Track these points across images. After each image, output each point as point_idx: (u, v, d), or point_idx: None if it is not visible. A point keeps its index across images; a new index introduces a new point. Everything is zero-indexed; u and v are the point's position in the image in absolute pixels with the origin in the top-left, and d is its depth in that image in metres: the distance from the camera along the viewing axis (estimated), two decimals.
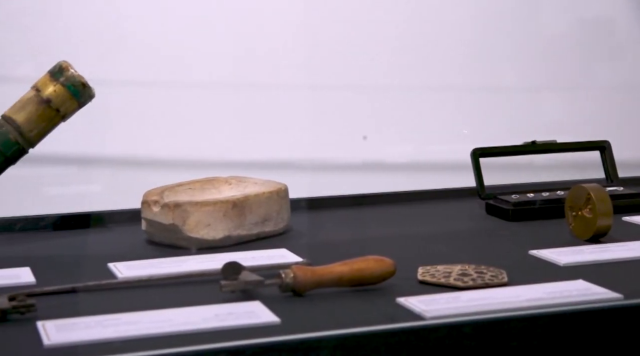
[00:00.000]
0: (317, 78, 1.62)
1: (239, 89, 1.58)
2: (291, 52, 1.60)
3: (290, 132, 1.61)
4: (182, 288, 1.06)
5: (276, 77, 1.60)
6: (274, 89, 1.60)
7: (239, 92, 1.59)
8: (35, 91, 1.20)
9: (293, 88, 1.61)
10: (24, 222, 1.32)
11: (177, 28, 1.55)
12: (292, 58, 1.60)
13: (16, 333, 0.92)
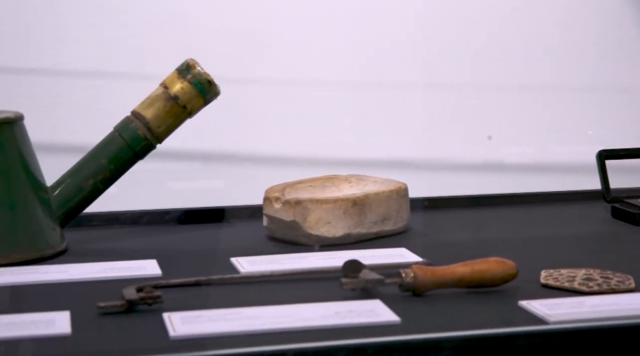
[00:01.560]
0: (438, 77, 1.61)
1: (360, 88, 1.59)
2: (414, 51, 1.59)
3: (409, 131, 1.60)
4: (303, 284, 1.07)
5: (398, 76, 1.59)
6: (395, 87, 1.59)
7: (360, 90, 1.59)
8: (163, 88, 1.23)
9: (414, 87, 1.60)
10: (150, 216, 1.36)
11: (300, 27, 1.56)
12: (415, 56, 1.59)
13: (143, 323, 0.94)
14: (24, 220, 1.17)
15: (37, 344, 0.88)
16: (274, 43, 1.55)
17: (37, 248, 1.17)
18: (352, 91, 1.59)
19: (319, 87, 1.57)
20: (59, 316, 0.94)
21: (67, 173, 1.23)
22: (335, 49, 1.57)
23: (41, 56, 1.47)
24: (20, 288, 1.06)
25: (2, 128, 1.16)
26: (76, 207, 1.22)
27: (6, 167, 1.16)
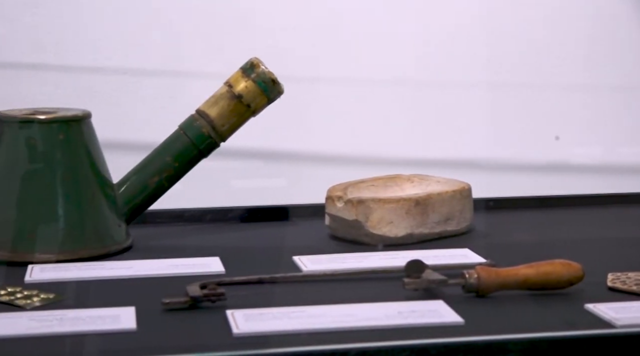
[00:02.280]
0: (503, 76, 1.59)
1: (425, 86, 1.58)
2: (479, 49, 1.58)
3: (473, 130, 1.59)
4: (365, 283, 1.07)
5: (463, 74, 1.58)
6: (459, 86, 1.58)
7: (425, 89, 1.58)
8: (227, 87, 1.23)
9: (479, 85, 1.59)
10: (213, 214, 1.37)
11: (364, 25, 1.56)
12: (480, 55, 1.58)
13: (206, 320, 0.95)
14: (91, 216, 1.18)
15: (103, 339, 0.90)
16: (338, 42, 1.55)
17: (103, 245, 1.18)
18: (417, 90, 1.58)
19: (383, 86, 1.57)
20: (124, 312, 0.95)
21: (133, 171, 1.24)
22: (400, 47, 1.57)
23: (108, 55, 1.49)
24: (87, 284, 1.08)
25: (70, 125, 1.18)
26: (141, 204, 1.24)
27: (74, 164, 1.18)
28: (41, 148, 1.17)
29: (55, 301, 1.00)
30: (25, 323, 0.92)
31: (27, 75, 1.47)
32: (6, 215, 1.16)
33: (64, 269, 1.12)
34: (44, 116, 1.18)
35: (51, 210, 1.16)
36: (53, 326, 0.91)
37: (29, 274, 1.09)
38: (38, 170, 1.17)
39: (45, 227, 1.16)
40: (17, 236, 1.15)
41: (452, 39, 1.58)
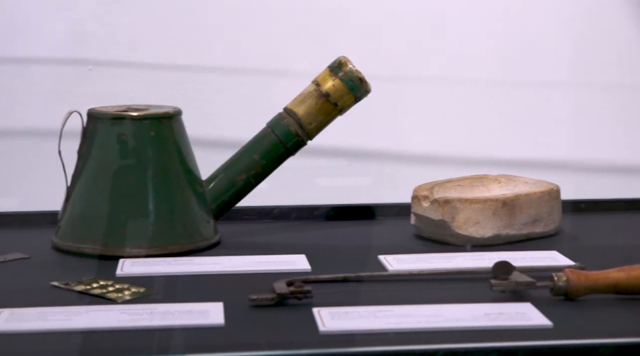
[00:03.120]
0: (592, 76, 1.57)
1: (512, 86, 1.57)
2: (566, 49, 1.56)
3: (561, 131, 1.57)
4: (451, 284, 1.06)
5: (550, 75, 1.56)
6: (547, 86, 1.56)
7: (513, 89, 1.57)
8: (315, 85, 1.24)
9: (566, 86, 1.57)
10: (299, 211, 1.38)
11: (451, 25, 1.55)
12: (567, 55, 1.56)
13: (293, 317, 0.96)
14: (181, 212, 1.20)
15: (191, 333, 0.91)
16: (425, 41, 1.55)
17: (192, 240, 1.20)
18: (504, 90, 1.57)
19: (470, 86, 1.56)
20: (213, 307, 0.96)
21: (221, 168, 1.26)
22: (488, 46, 1.55)
23: (199, 53, 1.52)
24: (176, 279, 1.09)
25: (161, 122, 1.20)
26: (229, 201, 1.25)
27: (164, 160, 1.20)
28: (132, 145, 1.19)
29: (146, 295, 1.02)
30: (116, 316, 0.94)
31: (121, 73, 1.50)
32: (98, 210, 1.19)
33: (153, 264, 1.14)
34: (135, 113, 1.20)
35: (142, 206, 1.18)
36: (143, 319, 0.93)
37: (120, 268, 1.12)
38: (129, 166, 1.20)
39: (136, 222, 1.18)
40: (109, 230, 1.18)
41: (540, 39, 1.56)
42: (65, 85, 1.51)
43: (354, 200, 1.43)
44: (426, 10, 1.55)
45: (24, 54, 1.51)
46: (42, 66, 1.51)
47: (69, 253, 1.18)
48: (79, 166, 1.21)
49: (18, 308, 0.95)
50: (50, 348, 0.87)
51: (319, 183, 1.56)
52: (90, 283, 1.05)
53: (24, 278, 1.10)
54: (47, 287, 1.05)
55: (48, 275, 1.09)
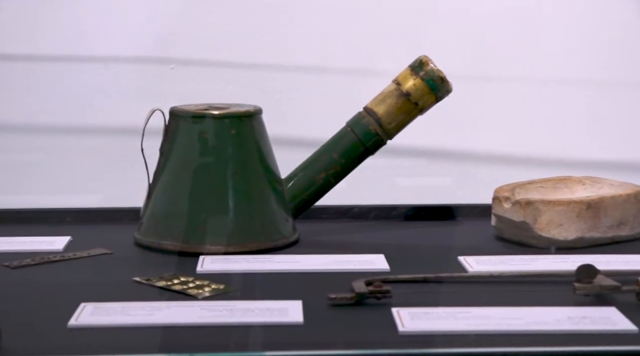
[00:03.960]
0: None
1: (596, 87, 1.54)
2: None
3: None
4: (533, 287, 1.05)
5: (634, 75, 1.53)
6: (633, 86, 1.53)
7: (597, 90, 1.54)
8: (395, 84, 1.23)
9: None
10: (377, 211, 1.37)
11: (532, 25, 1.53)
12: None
13: (372, 317, 0.95)
14: (260, 210, 1.21)
15: (271, 331, 0.91)
16: (507, 41, 1.53)
17: (271, 238, 1.21)
18: (588, 90, 1.54)
19: (554, 85, 1.54)
20: (292, 305, 0.97)
21: (300, 167, 1.26)
22: (571, 47, 1.53)
23: (279, 52, 1.52)
24: (254, 276, 1.10)
25: (241, 121, 1.21)
26: (308, 200, 1.25)
27: (244, 158, 1.21)
28: (213, 143, 1.20)
29: (225, 292, 1.03)
30: (197, 312, 0.95)
31: (203, 72, 1.51)
32: (179, 207, 1.20)
33: (233, 261, 1.14)
34: (217, 111, 1.21)
35: (221, 203, 1.19)
36: (223, 316, 0.94)
37: (200, 265, 1.13)
38: (209, 164, 1.21)
39: (216, 219, 1.19)
40: (189, 227, 1.19)
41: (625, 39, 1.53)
42: (148, 83, 1.53)
43: (433, 200, 1.42)
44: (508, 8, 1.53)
45: (109, 52, 1.53)
46: (125, 65, 1.53)
47: (151, 249, 1.19)
48: (160, 163, 1.22)
49: (101, 302, 0.96)
50: (133, 342, 0.88)
51: (398, 183, 1.56)
52: (171, 279, 1.06)
53: (107, 273, 1.11)
54: (129, 282, 1.06)
55: (130, 270, 1.10)
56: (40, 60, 1.52)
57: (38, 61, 1.52)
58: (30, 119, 1.53)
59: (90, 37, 1.53)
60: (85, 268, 1.13)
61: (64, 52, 1.52)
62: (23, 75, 1.53)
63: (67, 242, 1.22)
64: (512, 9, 1.53)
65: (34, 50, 1.52)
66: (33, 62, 1.52)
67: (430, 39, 1.50)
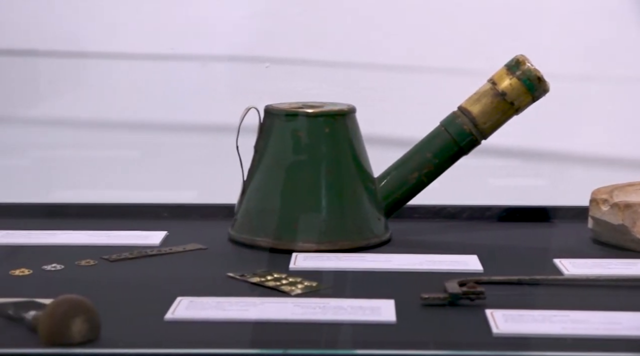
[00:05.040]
0: None
1: None
2: None
3: None
4: (631, 291, 1.03)
5: None
6: None
7: None
8: (491, 84, 1.22)
9: None
10: (471, 211, 1.36)
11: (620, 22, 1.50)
12: None
13: (465, 318, 0.94)
14: (352, 209, 1.21)
15: (363, 329, 0.91)
16: (607, 41, 1.50)
17: (363, 237, 1.21)
18: None
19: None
20: (384, 304, 0.96)
21: (393, 166, 1.26)
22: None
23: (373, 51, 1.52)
24: (346, 274, 1.10)
25: (335, 119, 1.21)
26: (400, 199, 1.25)
27: (337, 157, 1.21)
28: (306, 141, 1.21)
29: (317, 289, 1.03)
30: (290, 309, 0.95)
31: (297, 70, 1.53)
32: (271, 204, 1.21)
33: (325, 259, 1.15)
34: (311, 110, 1.22)
35: (314, 201, 1.20)
36: (316, 313, 0.94)
37: (293, 262, 1.13)
38: (302, 162, 1.21)
39: (308, 217, 1.20)
40: (281, 224, 1.20)
41: None
42: (243, 82, 1.55)
43: (526, 201, 1.40)
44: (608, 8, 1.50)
45: (204, 51, 1.55)
46: (221, 63, 1.55)
47: (244, 245, 1.21)
48: (255, 161, 1.24)
49: (197, 296, 0.98)
50: (227, 337, 0.89)
51: (491, 184, 1.54)
52: (265, 276, 1.07)
53: (201, 268, 1.13)
54: (223, 278, 1.08)
55: (224, 265, 1.12)
56: (139, 58, 1.55)
57: (137, 59, 1.55)
58: (129, 116, 1.56)
59: (189, 36, 1.55)
60: (181, 262, 1.15)
61: (162, 51, 1.55)
62: (122, 74, 1.56)
63: (163, 237, 1.24)
64: (609, 8, 1.50)
65: (134, 48, 1.55)
66: (132, 60, 1.56)
67: (526, 38, 1.48)
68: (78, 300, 0.87)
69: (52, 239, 1.22)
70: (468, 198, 1.40)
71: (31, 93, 1.56)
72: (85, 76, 1.56)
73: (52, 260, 1.12)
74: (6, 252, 1.17)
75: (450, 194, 1.39)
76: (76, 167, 1.55)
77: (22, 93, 1.56)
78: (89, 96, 1.56)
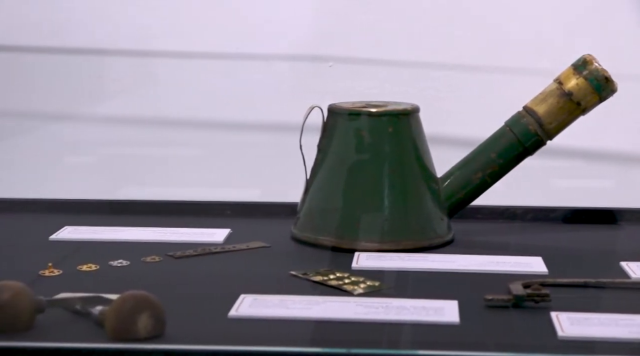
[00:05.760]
0: None
1: None
2: None
3: None
4: None
5: None
6: None
7: None
8: (557, 84, 1.21)
9: None
10: (535, 212, 1.35)
11: None
12: None
13: (529, 320, 0.94)
14: (415, 208, 1.21)
15: (426, 330, 0.91)
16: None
17: (426, 237, 1.20)
18: None
19: None
20: (448, 305, 0.96)
21: (457, 166, 1.25)
22: None
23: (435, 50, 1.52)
24: (409, 274, 1.10)
25: (399, 119, 1.21)
26: (463, 199, 1.24)
27: (401, 156, 1.21)
28: (369, 140, 1.21)
29: (380, 289, 1.03)
30: (352, 308, 0.95)
31: (360, 70, 1.53)
32: (334, 203, 1.21)
33: (387, 258, 1.15)
34: (374, 109, 1.22)
35: (377, 200, 1.20)
36: (379, 313, 0.94)
37: (355, 261, 1.13)
38: (365, 161, 1.21)
39: (370, 216, 1.20)
40: (343, 223, 1.20)
41: None
42: (306, 81, 1.55)
43: (591, 203, 1.38)
44: None
45: (268, 50, 1.56)
46: (284, 62, 1.56)
47: (307, 243, 1.21)
48: (318, 160, 1.24)
49: (260, 294, 0.99)
50: (290, 335, 0.90)
51: (554, 185, 1.52)
52: (327, 274, 1.07)
53: (264, 266, 1.14)
54: (286, 276, 1.08)
55: (286, 264, 1.12)
56: (204, 57, 1.57)
57: (202, 58, 1.57)
58: (194, 114, 1.57)
59: (253, 35, 1.56)
60: (244, 260, 1.16)
61: (227, 50, 1.56)
62: (187, 72, 1.57)
63: (227, 235, 1.25)
64: None
65: (199, 47, 1.57)
66: (197, 59, 1.57)
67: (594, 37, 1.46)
68: (144, 296, 0.88)
69: (118, 235, 1.24)
70: (530, 200, 1.38)
71: (98, 91, 1.59)
72: (151, 74, 1.58)
73: (118, 256, 1.14)
74: (74, 247, 1.19)
75: (512, 195, 1.38)
76: (142, 164, 1.57)
77: (90, 91, 1.59)
78: (155, 94, 1.58)
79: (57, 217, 1.32)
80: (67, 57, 1.57)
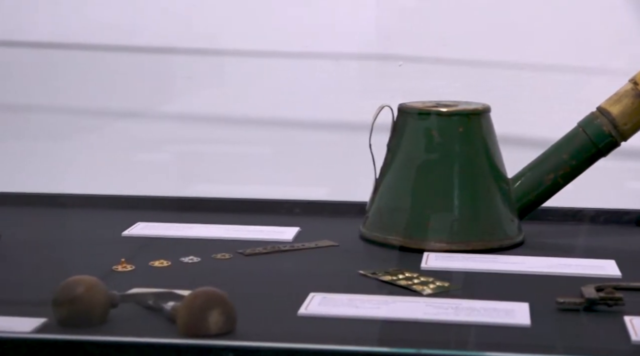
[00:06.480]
0: None
1: None
2: None
3: None
4: None
5: None
6: None
7: None
8: (632, 84, 1.19)
9: None
10: (608, 215, 1.33)
11: None
12: None
13: (602, 324, 0.92)
14: (485, 209, 1.20)
15: (496, 331, 0.90)
16: None
17: (496, 238, 1.19)
18: None
19: None
20: (518, 307, 0.95)
21: (528, 167, 1.24)
22: None
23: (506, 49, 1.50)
24: (478, 275, 1.09)
25: (469, 118, 1.20)
26: (535, 201, 1.23)
27: (471, 156, 1.20)
28: (439, 140, 1.20)
29: (449, 289, 1.03)
30: (422, 309, 0.95)
31: (431, 69, 1.52)
32: (403, 203, 1.21)
33: (457, 259, 1.14)
34: (444, 109, 1.21)
35: (446, 200, 1.19)
36: (448, 314, 0.94)
37: (424, 261, 1.13)
38: (435, 161, 1.21)
39: (440, 216, 1.19)
40: (411, 223, 1.19)
41: None
42: (375, 80, 1.55)
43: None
44: None
45: (337, 49, 1.56)
46: (353, 61, 1.56)
47: (375, 243, 1.21)
48: (387, 159, 1.24)
49: (329, 293, 0.99)
50: (359, 334, 0.90)
51: (628, 187, 1.50)
52: (396, 274, 1.07)
53: (333, 264, 1.14)
54: (354, 275, 1.08)
55: (355, 263, 1.12)
56: (273, 56, 1.58)
57: (271, 57, 1.58)
58: (263, 113, 1.58)
59: (322, 34, 1.56)
60: (313, 258, 1.16)
61: (296, 49, 1.57)
62: (257, 71, 1.58)
63: (296, 233, 1.26)
64: None
65: (269, 46, 1.57)
66: (267, 58, 1.58)
67: None
68: (215, 292, 0.89)
69: (189, 232, 1.25)
70: (602, 202, 1.36)
71: (169, 90, 1.61)
72: (221, 73, 1.59)
73: (189, 253, 1.15)
74: (146, 243, 1.21)
75: (583, 197, 1.36)
76: (212, 162, 1.59)
77: (161, 90, 1.61)
78: (225, 93, 1.59)
79: (129, 213, 1.34)
80: (139, 56, 1.59)
